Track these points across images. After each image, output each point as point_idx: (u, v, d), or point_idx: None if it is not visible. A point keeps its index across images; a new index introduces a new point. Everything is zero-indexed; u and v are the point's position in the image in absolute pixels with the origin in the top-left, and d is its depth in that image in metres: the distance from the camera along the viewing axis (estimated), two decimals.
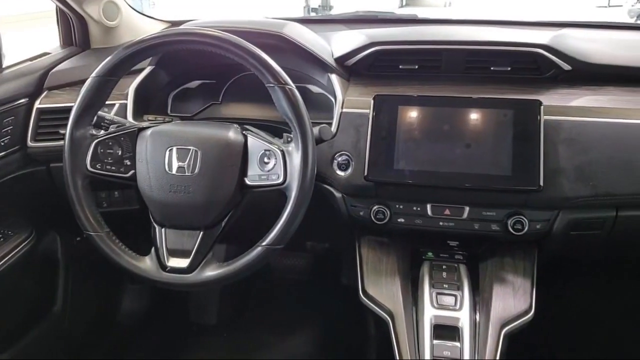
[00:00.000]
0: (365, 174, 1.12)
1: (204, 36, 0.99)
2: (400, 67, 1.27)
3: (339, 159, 1.16)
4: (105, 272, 1.53)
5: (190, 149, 1.03)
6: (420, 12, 1.80)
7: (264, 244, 1.00)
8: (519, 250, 1.21)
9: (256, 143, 1.05)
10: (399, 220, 1.16)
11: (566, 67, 1.20)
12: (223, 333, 1.89)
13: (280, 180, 1.00)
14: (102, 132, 1.08)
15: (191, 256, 1.04)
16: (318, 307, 1.97)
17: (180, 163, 1.02)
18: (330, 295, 1.97)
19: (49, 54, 1.50)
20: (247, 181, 1.04)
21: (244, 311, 2.00)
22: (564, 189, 1.10)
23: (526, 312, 1.12)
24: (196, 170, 1.02)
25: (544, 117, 1.09)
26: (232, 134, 1.05)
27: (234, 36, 0.99)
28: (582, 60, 1.20)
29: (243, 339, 1.89)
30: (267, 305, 2.03)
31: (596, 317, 1.77)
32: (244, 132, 1.07)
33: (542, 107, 1.09)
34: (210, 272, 1.03)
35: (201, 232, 1.04)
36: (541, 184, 1.06)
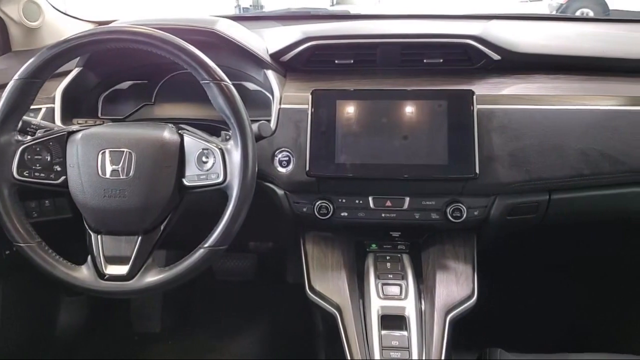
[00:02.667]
0: (307, 169, 1.11)
1: (134, 34, 0.96)
2: (336, 61, 1.27)
3: (280, 155, 1.15)
4: (39, 285, 1.46)
5: (123, 151, 0.99)
6: (352, 9, 1.82)
7: (206, 245, 0.98)
8: (458, 238, 1.24)
9: (193, 142, 1.02)
10: (342, 214, 1.17)
11: (496, 57, 1.24)
12: (168, 340, 1.85)
13: (221, 179, 0.98)
14: (29, 137, 1.03)
15: (130, 262, 1.00)
16: (264, 307, 1.95)
17: (114, 166, 0.98)
18: (276, 294, 1.96)
19: None
20: (186, 182, 1.01)
21: (188, 317, 1.96)
22: (498, 175, 1.14)
23: (469, 297, 1.15)
24: (131, 173, 0.98)
25: (476, 107, 1.12)
26: (167, 133, 1.02)
27: (166, 33, 0.96)
28: (510, 50, 1.24)
29: (189, 344, 1.85)
30: (211, 309, 1.99)
31: (537, 298, 1.85)
32: (179, 131, 1.04)
33: (474, 96, 1.12)
34: (152, 277, 0.99)
35: (139, 237, 1.01)
36: (477, 171, 1.10)
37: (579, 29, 1.58)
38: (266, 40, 1.32)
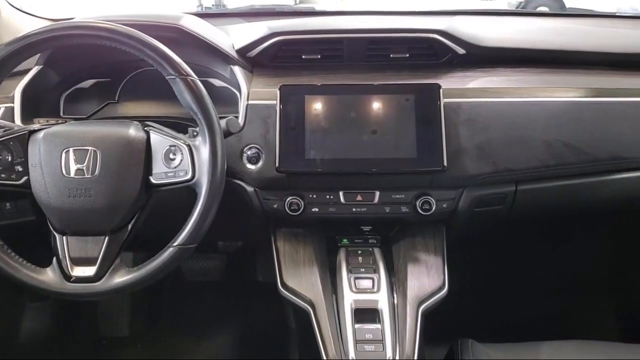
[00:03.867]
0: (277, 165, 1.11)
1: (97, 29, 0.93)
2: (303, 57, 1.27)
3: (249, 152, 1.14)
4: (1, 290, 1.41)
5: (88, 150, 0.96)
6: (317, 6, 1.82)
7: (175, 244, 0.96)
8: (428, 230, 1.25)
9: (160, 139, 1.00)
10: (313, 209, 1.16)
11: (461, 51, 1.25)
12: (137, 344, 1.81)
13: (189, 176, 0.97)
14: None
15: (97, 263, 0.97)
16: (235, 307, 1.93)
17: (78, 165, 0.96)
18: (246, 294, 1.95)
19: None
20: (153, 180, 0.99)
21: (157, 319, 1.92)
22: (466, 167, 1.15)
23: (440, 288, 1.16)
24: (96, 172, 0.96)
25: (443, 100, 1.13)
26: (133, 131, 1.00)
27: (129, 28, 0.94)
28: (475, 44, 1.25)
29: (159, 348, 1.83)
30: (181, 310, 1.97)
31: (507, 288, 1.88)
32: (145, 128, 1.02)
33: (441, 90, 1.13)
34: (120, 278, 0.97)
35: (106, 237, 0.98)
36: (445, 164, 1.11)
37: (540, 24, 1.61)
38: (232, 36, 1.30)
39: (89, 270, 0.97)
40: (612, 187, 1.24)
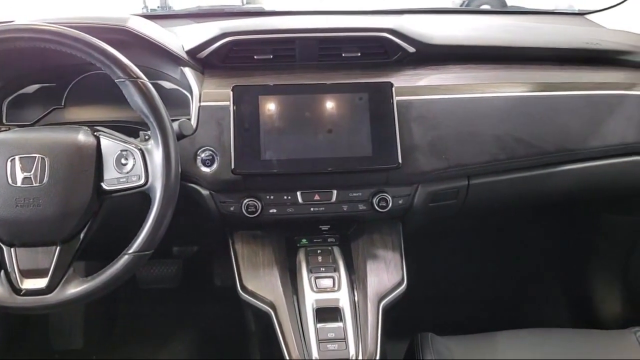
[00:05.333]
0: (232, 167, 1.09)
1: (40, 32, 0.90)
2: (255, 57, 1.25)
3: (203, 155, 1.12)
4: None
5: (35, 157, 0.92)
6: (266, 7, 1.80)
7: (130, 251, 0.93)
8: (385, 227, 1.26)
9: (110, 144, 0.97)
10: (271, 211, 1.15)
11: (411, 49, 1.26)
12: (92, 356, 1.76)
13: (142, 181, 0.94)
14: None
15: (49, 275, 0.93)
16: (193, 313, 1.90)
17: (25, 174, 0.92)
18: (204, 299, 1.92)
19: None
20: (105, 186, 0.96)
21: (112, 329, 1.87)
22: (420, 164, 1.17)
23: (399, 283, 1.18)
24: (45, 180, 0.92)
25: (396, 98, 1.14)
26: (83, 136, 0.97)
27: (75, 30, 0.91)
28: (425, 42, 1.27)
29: (116, 358, 1.78)
30: (137, 319, 1.92)
31: (464, 280, 1.93)
32: (95, 133, 0.99)
33: (393, 88, 1.15)
34: (73, 289, 0.94)
35: (58, 247, 0.94)
36: (400, 161, 1.12)
37: (486, 21, 1.66)
38: (181, 38, 1.28)
39: (40, 282, 0.93)
40: (560, 179, 1.28)
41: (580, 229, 1.87)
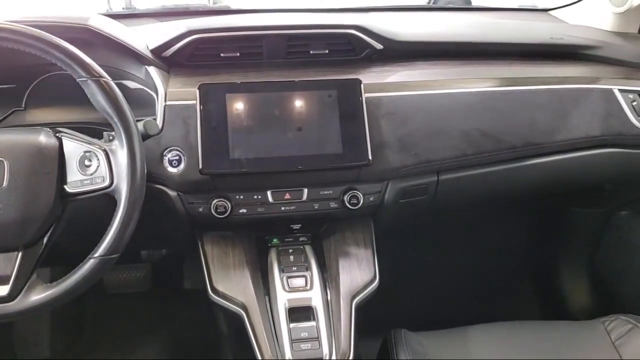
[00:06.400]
0: (200, 167, 1.07)
1: None
2: (222, 55, 1.24)
3: (169, 155, 1.09)
4: None
5: None
6: (233, 5, 1.78)
7: (96, 255, 0.90)
8: (357, 224, 1.25)
9: (73, 145, 0.94)
10: (240, 211, 1.14)
11: (379, 46, 1.27)
12: None
13: (107, 182, 0.92)
14: None
15: (11, 282, 0.89)
16: (164, 317, 1.87)
17: None
18: (175, 303, 1.89)
19: None
20: (68, 189, 0.93)
21: (80, 336, 1.83)
22: (390, 160, 1.17)
23: (372, 281, 1.17)
24: (5, 184, 0.89)
25: (365, 95, 1.14)
26: (44, 138, 0.93)
27: (34, 29, 0.88)
28: (392, 39, 1.27)
29: None
30: (106, 325, 1.88)
31: (435, 275, 1.94)
32: (57, 135, 0.96)
33: (362, 85, 1.14)
34: (37, 295, 0.90)
35: (20, 253, 0.91)
36: (370, 158, 1.12)
37: (453, 18, 1.67)
38: (146, 36, 1.25)
39: (2, 290, 0.89)
40: (528, 173, 1.30)
41: (549, 222, 1.90)
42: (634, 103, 1.31)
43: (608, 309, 1.42)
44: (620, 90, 1.31)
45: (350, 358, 1.07)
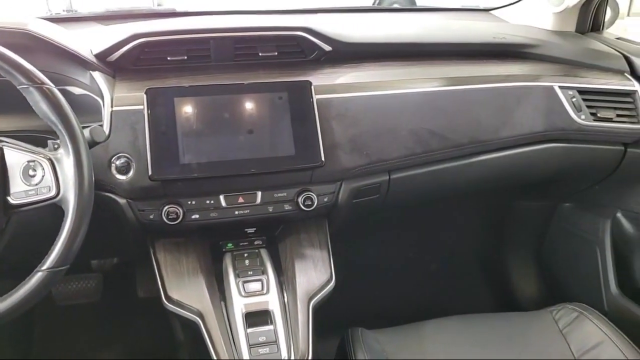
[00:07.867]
0: (150, 173, 1.05)
1: None
2: (169, 58, 1.21)
3: (117, 162, 1.07)
4: None
5: None
6: (179, 8, 1.75)
7: (44, 267, 0.87)
8: (311, 226, 1.26)
9: (15, 155, 0.91)
10: (193, 217, 1.12)
11: (327, 48, 1.27)
12: None
13: (53, 192, 0.89)
14: None
15: None
16: (117, 327, 1.83)
17: None
18: (128, 312, 1.84)
19: None
20: (11, 200, 0.90)
21: (30, 351, 1.76)
22: (342, 161, 1.18)
23: (328, 281, 1.18)
24: None
25: (315, 97, 1.15)
26: None
27: None
28: (340, 40, 1.28)
29: None
30: (56, 338, 1.81)
31: (391, 273, 1.97)
32: None
33: (312, 87, 1.15)
34: None
35: None
36: (323, 159, 1.12)
37: (398, 19, 1.70)
38: (89, 41, 1.21)
39: None
40: (476, 169, 1.34)
41: (498, 217, 1.96)
42: (574, 99, 1.36)
43: (556, 298, 1.47)
44: (561, 87, 1.37)
45: (309, 359, 1.07)
